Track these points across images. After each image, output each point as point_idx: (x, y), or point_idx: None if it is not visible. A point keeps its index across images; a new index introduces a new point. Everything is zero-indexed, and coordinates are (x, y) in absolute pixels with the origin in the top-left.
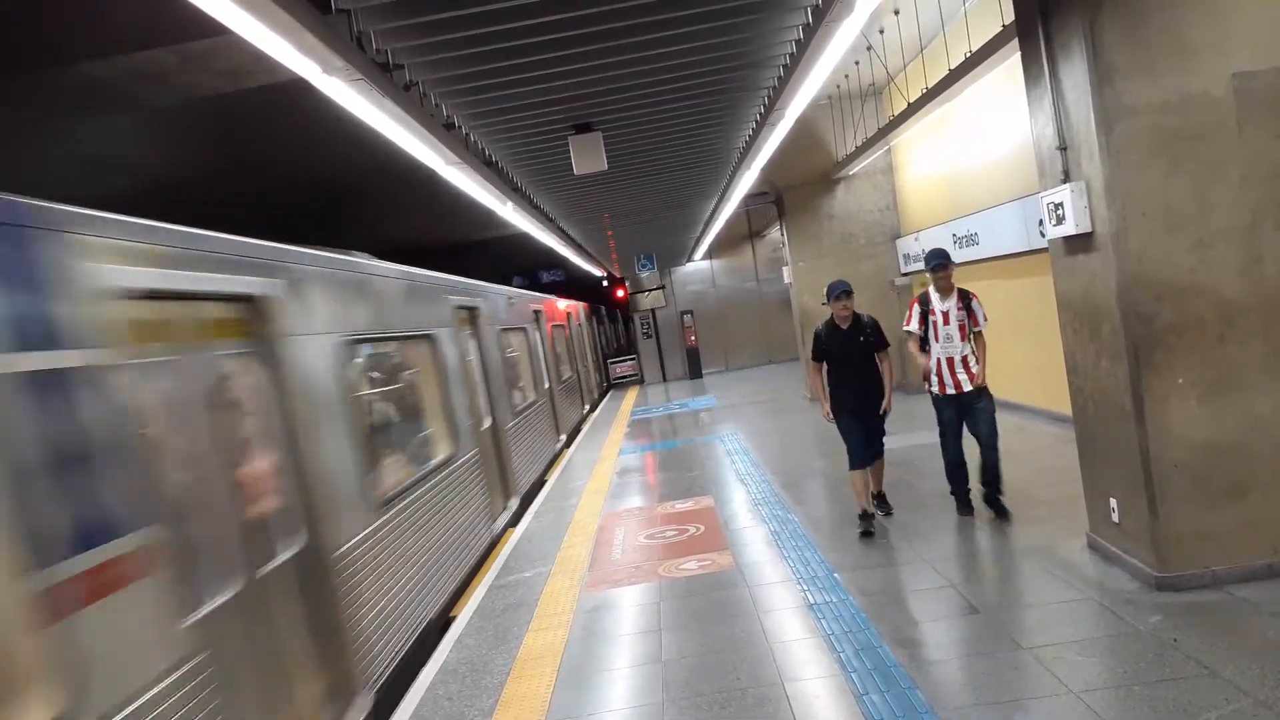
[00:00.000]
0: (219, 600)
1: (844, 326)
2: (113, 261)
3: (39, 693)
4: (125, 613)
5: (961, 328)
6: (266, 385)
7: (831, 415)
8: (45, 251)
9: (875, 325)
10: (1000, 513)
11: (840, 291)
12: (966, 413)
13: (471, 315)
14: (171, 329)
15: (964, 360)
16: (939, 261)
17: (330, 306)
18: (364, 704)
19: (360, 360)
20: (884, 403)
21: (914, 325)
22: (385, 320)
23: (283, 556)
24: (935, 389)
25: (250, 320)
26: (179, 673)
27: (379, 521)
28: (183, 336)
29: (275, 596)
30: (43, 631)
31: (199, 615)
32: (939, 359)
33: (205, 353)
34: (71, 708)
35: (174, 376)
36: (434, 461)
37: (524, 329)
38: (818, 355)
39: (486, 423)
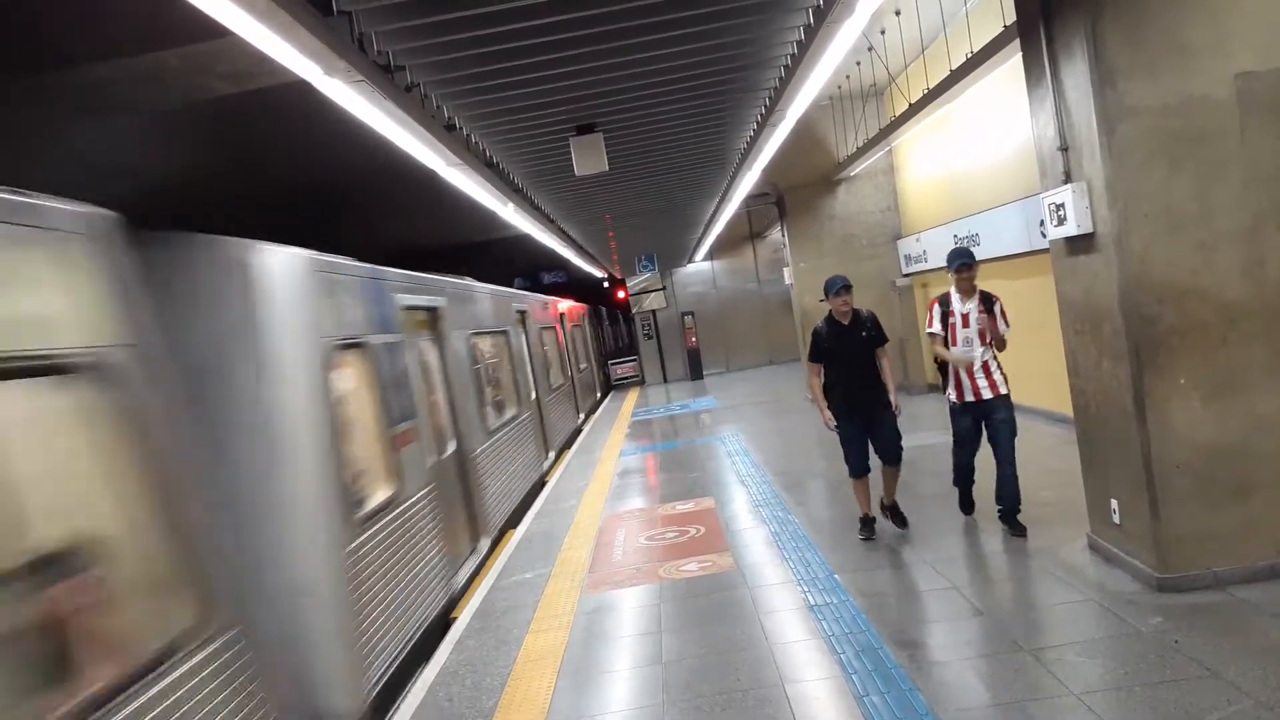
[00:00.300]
0: (432, 461)
1: (844, 323)
2: (396, 292)
3: (391, 481)
4: (413, 454)
5: (982, 332)
6: (440, 357)
7: (833, 422)
8: (385, 291)
9: (875, 320)
10: (1017, 530)
11: (840, 286)
12: (985, 423)
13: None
14: (413, 325)
15: (984, 366)
16: (963, 261)
17: (464, 313)
18: (484, 545)
19: (472, 345)
20: (892, 400)
21: (936, 327)
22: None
23: (449, 450)
24: (952, 395)
25: (435, 321)
26: (428, 488)
27: (489, 442)
28: (416, 329)
29: (448, 470)
30: (393, 454)
31: (430, 463)
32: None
33: (422, 337)
34: (399, 490)
35: (415, 348)
36: (507, 417)
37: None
38: (817, 355)
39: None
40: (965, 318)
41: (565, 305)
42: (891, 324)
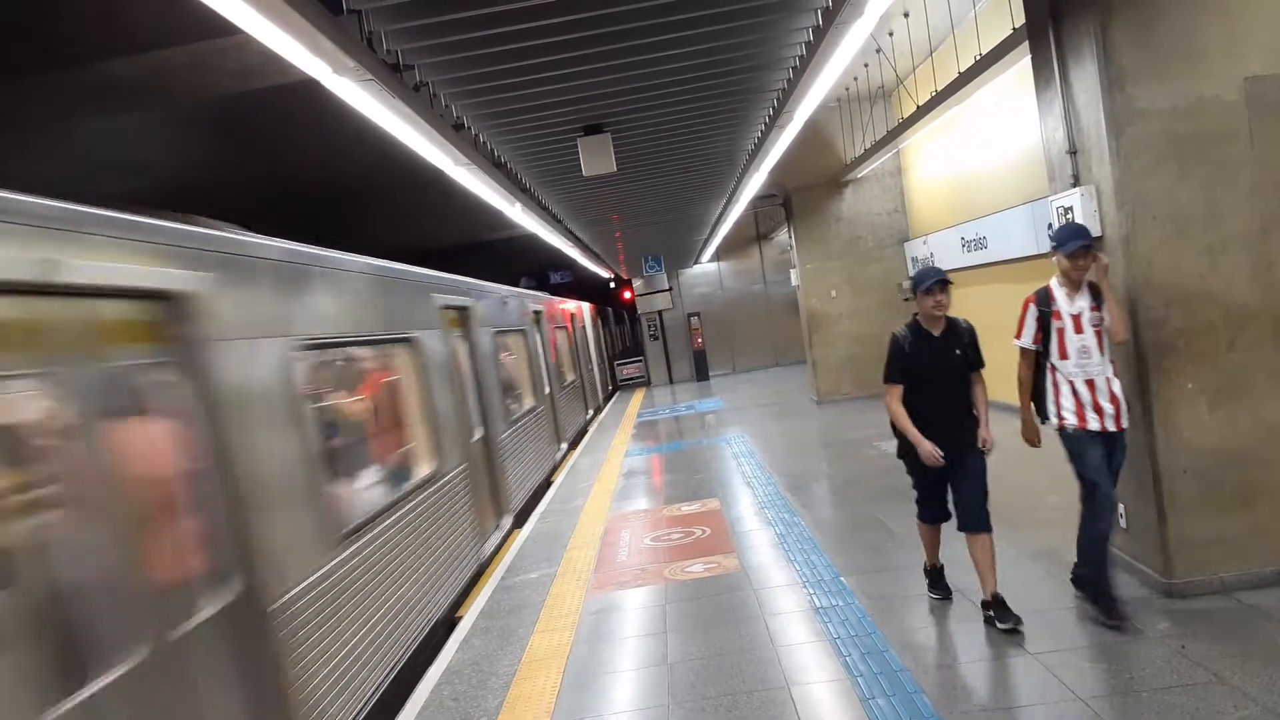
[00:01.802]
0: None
1: (935, 332)
2: (436, 294)
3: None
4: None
5: (1098, 334)
6: (469, 350)
7: (938, 452)
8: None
9: (973, 333)
10: (1111, 621)
11: (934, 281)
12: (1108, 458)
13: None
14: (453, 322)
15: (1108, 383)
16: (1082, 242)
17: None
18: (507, 522)
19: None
20: (983, 435)
21: (1028, 338)
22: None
23: (477, 435)
24: (1071, 419)
25: (465, 321)
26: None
27: (509, 431)
28: (453, 326)
29: (478, 456)
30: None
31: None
32: (1070, 381)
33: (456, 334)
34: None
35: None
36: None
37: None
38: (898, 373)
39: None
40: (1077, 320)
41: (573, 305)
42: (897, 327)
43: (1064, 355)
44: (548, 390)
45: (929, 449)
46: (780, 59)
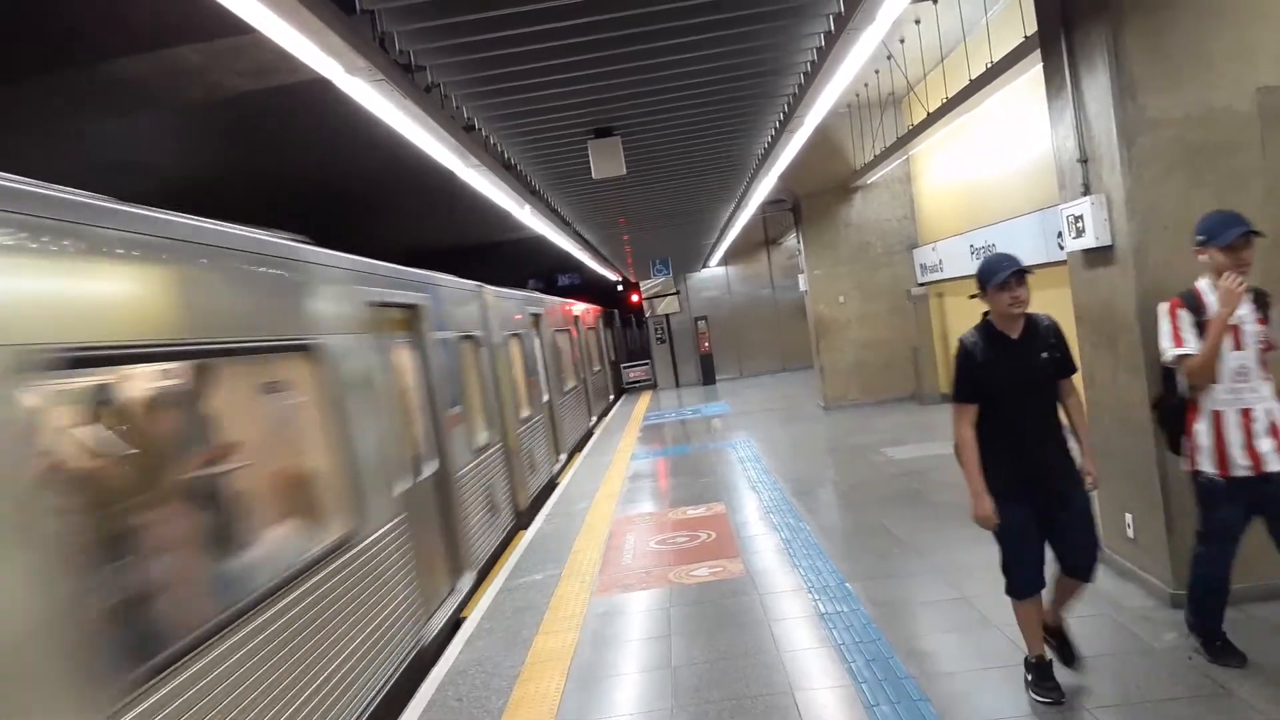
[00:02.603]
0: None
1: (1013, 334)
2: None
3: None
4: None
5: (1265, 349)
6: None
7: (993, 518)
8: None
9: (1059, 332)
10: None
11: (1009, 272)
12: (1263, 508)
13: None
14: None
15: (1269, 414)
16: (1243, 230)
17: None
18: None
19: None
20: (1087, 469)
21: (1191, 343)
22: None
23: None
24: (1210, 468)
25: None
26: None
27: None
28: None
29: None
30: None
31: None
32: (1216, 412)
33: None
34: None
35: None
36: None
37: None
38: (970, 390)
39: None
40: (1236, 333)
41: (580, 308)
42: (905, 334)
43: (1214, 377)
44: (545, 399)
45: (985, 510)
46: (792, 64)
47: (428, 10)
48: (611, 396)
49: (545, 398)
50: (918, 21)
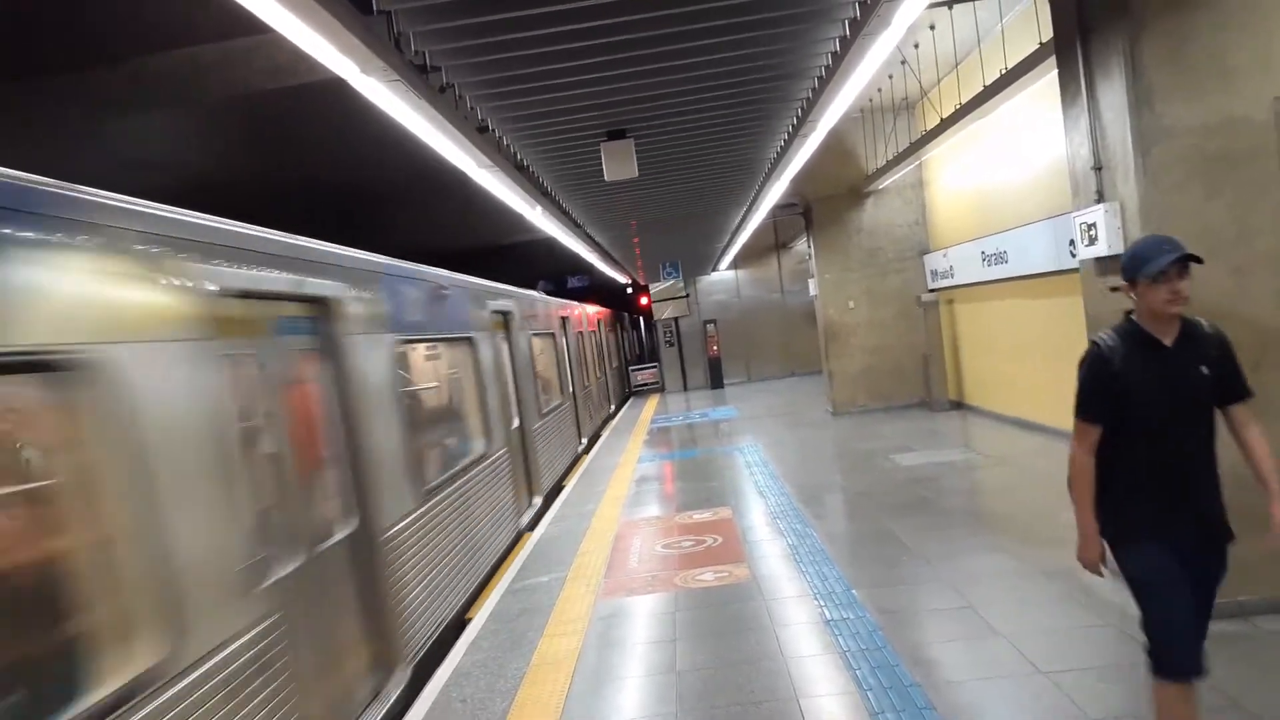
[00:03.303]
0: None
1: (1165, 340)
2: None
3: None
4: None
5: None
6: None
7: (1100, 561)
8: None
9: (1225, 343)
10: None
11: (1171, 261)
12: None
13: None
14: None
15: None
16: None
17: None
18: (581, 442)
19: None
20: (1277, 515)
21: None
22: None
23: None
24: None
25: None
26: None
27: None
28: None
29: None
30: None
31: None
32: None
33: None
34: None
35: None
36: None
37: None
38: (1102, 407)
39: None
40: None
41: (593, 310)
42: (914, 340)
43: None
44: (515, 425)
45: (1093, 554)
46: (806, 68)
47: (444, 11)
48: (611, 407)
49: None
50: (932, 27)
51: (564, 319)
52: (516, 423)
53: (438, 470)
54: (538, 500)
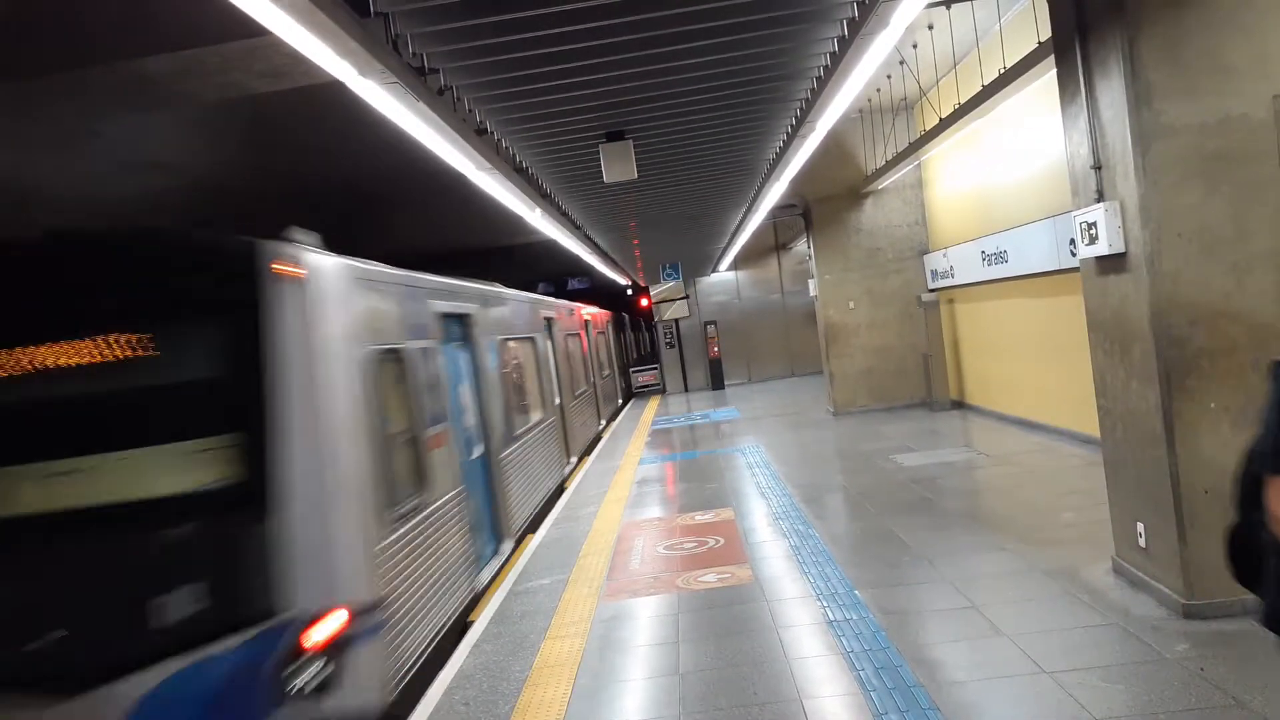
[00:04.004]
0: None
1: None
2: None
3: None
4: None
5: None
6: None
7: None
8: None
9: None
10: None
11: None
12: None
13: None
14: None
15: None
16: None
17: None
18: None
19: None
20: None
21: None
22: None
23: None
24: None
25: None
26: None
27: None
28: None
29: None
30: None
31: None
32: None
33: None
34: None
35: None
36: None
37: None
38: None
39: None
40: None
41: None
42: (915, 340)
43: None
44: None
45: None
46: (804, 69)
47: (443, 13)
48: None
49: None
50: (931, 27)
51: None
52: (558, 400)
53: (520, 424)
54: (573, 459)
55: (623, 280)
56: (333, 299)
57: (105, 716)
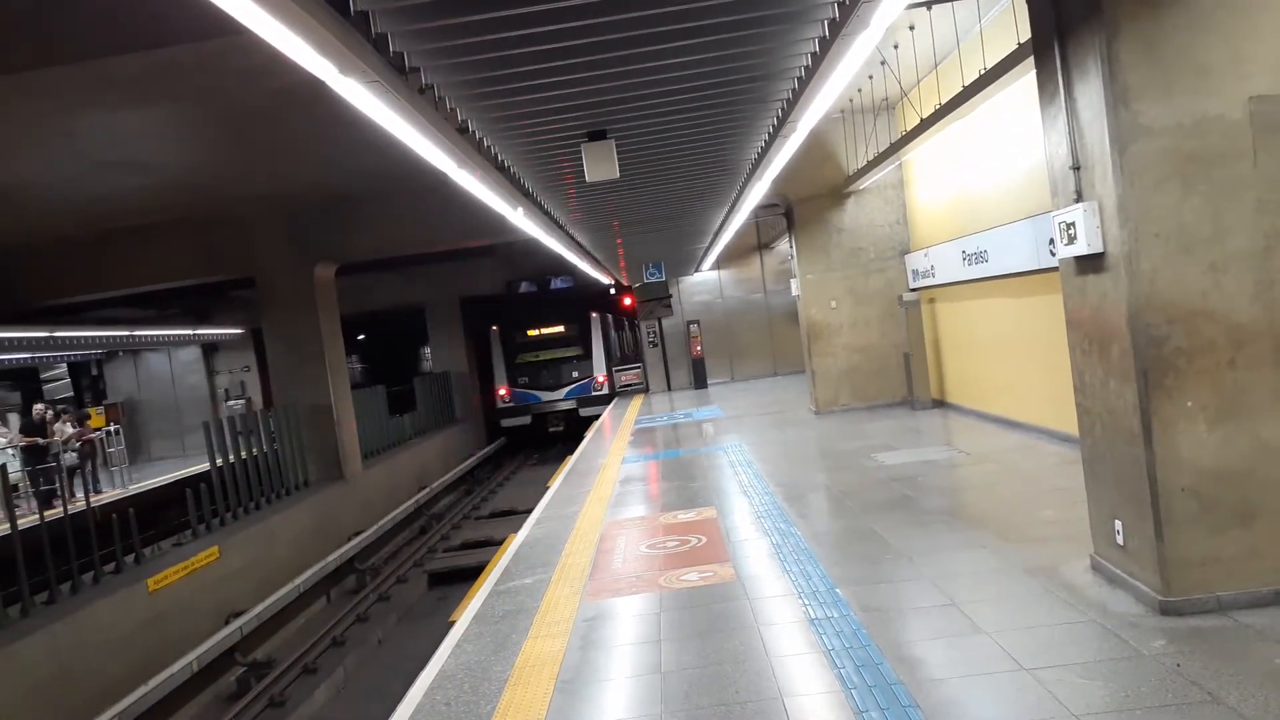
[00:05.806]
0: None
1: None
2: None
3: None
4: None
5: None
6: None
7: None
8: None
9: None
10: None
11: None
12: None
13: None
14: None
15: None
16: None
17: None
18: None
19: None
20: None
21: None
22: None
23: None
24: None
25: None
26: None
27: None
28: None
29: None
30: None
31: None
32: None
33: None
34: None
35: None
36: None
37: None
38: None
39: None
40: None
41: None
42: (897, 339)
43: None
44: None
45: None
46: (785, 69)
47: (424, 11)
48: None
49: None
50: (912, 27)
51: None
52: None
53: None
54: None
55: (606, 279)
56: None
57: (562, 395)
